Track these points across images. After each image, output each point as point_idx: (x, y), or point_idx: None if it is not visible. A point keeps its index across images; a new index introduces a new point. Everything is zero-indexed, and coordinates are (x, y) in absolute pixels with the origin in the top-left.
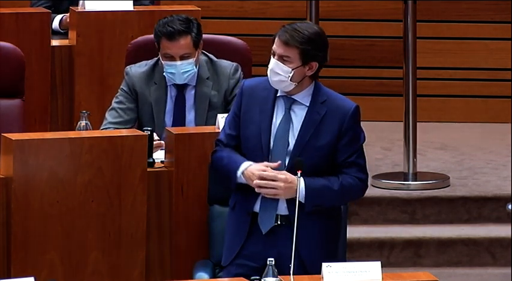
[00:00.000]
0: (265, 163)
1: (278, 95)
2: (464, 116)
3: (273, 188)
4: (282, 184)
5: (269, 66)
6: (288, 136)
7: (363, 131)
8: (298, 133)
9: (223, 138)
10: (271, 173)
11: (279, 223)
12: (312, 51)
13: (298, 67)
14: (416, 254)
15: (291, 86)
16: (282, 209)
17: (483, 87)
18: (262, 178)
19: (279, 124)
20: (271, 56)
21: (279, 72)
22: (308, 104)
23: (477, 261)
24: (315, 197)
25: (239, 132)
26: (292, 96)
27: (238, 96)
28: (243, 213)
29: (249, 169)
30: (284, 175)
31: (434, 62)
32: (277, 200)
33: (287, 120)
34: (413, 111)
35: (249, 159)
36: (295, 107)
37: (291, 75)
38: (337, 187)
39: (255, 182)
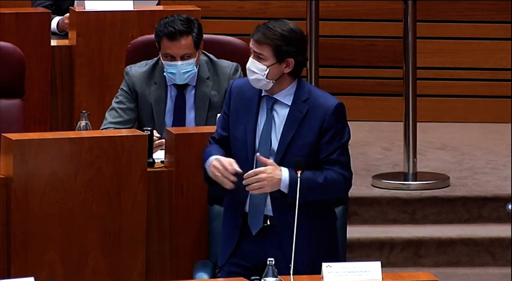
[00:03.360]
0: (230, 160)
1: (262, 95)
2: (464, 116)
3: (257, 182)
4: (264, 175)
5: (247, 64)
6: (271, 136)
7: (348, 129)
8: (282, 133)
9: (216, 135)
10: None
11: (268, 223)
12: (284, 47)
13: (273, 64)
14: (416, 254)
15: (269, 84)
16: (268, 210)
17: (483, 87)
18: (241, 175)
19: (263, 125)
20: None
21: (254, 70)
22: (290, 103)
23: (477, 261)
24: (300, 189)
25: (228, 131)
26: (274, 96)
27: (227, 96)
28: (234, 213)
29: (212, 164)
30: (264, 168)
31: (434, 62)
32: (265, 200)
33: (269, 120)
34: (413, 111)
35: (236, 158)
36: (277, 107)
37: (266, 73)
38: (321, 180)
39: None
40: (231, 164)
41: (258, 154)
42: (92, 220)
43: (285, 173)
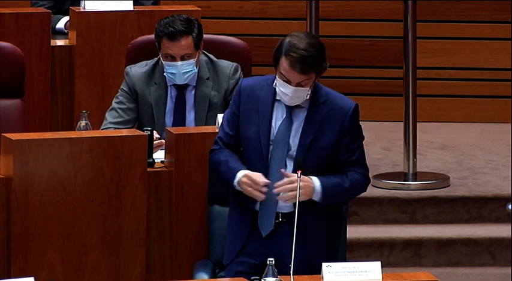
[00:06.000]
0: (259, 174)
1: (277, 97)
2: (464, 116)
3: (291, 191)
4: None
5: (283, 90)
6: (289, 139)
7: (362, 129)
8: (301, 135)
9: (223, 136)
10: (287, 176)
11: (280, 220)
12: (325, 67)
13: (314, 82)
14: (416, 254)
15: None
16: (286, 206)
17: (483, 87)
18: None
19: (279, 127)
20: (281, 80)
21: (298, 96)
22: (307, 106)
23: (477, 261)
24: (330, 196)
25: (238, 131)
26: None
27: (237, 96)
28: (243, 212)
29: (242, 180)
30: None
31: (434, 62)
32: (277, 202)
33: (288, 123)
34: (413, 111)
35: (249, 159)
36: (295, 110)
37: (309, 92)
38: (348, 185)
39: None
40: (260, 177)
41: (282, 170)
42: (92, 220)
43: (316, 181)
